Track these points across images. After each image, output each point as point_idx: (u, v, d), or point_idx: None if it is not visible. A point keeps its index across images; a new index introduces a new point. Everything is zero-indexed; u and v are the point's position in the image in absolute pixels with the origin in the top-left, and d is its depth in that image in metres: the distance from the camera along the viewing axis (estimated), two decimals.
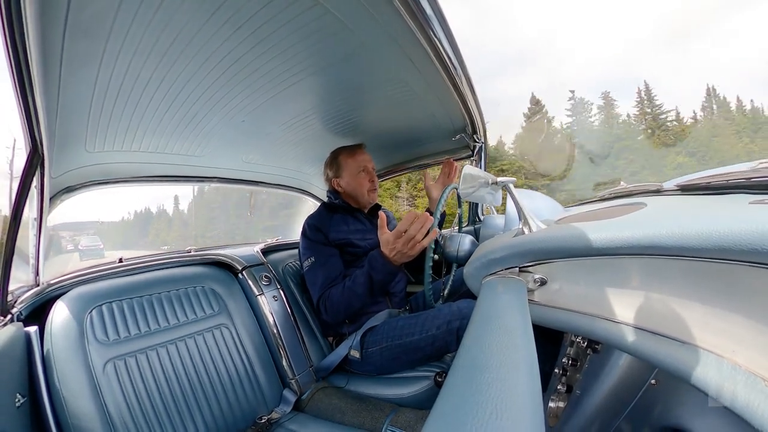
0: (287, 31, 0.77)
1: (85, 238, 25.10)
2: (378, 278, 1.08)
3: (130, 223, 74.43)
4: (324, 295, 1.18)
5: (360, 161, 1.39)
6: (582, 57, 62.83)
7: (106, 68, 0.77)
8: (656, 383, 0.52)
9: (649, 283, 0.41)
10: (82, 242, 23.07)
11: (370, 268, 1.09)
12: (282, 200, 2.08)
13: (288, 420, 1.06)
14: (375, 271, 1.08)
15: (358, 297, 1.12)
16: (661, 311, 0.39)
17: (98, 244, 23.63)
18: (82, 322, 0.90)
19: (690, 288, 0.37)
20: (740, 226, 0.30)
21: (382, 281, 1.10)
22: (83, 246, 21.72)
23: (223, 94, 0.98)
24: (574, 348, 0.77)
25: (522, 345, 0.32)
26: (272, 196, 1.91)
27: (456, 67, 0.99)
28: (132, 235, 68.91)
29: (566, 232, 0.48)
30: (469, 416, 0.23)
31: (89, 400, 0.83)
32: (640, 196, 0.78)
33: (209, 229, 55.25)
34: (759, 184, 0.47)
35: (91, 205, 46.79)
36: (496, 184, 0.68)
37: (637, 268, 0.42)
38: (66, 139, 0.94)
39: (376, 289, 1.12)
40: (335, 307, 1.16)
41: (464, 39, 21.34)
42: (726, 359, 0.32)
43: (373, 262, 1.08)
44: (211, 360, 1.07)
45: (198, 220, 61.34)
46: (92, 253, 20.39)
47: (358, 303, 1.14)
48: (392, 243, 1.02)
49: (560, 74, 40.55)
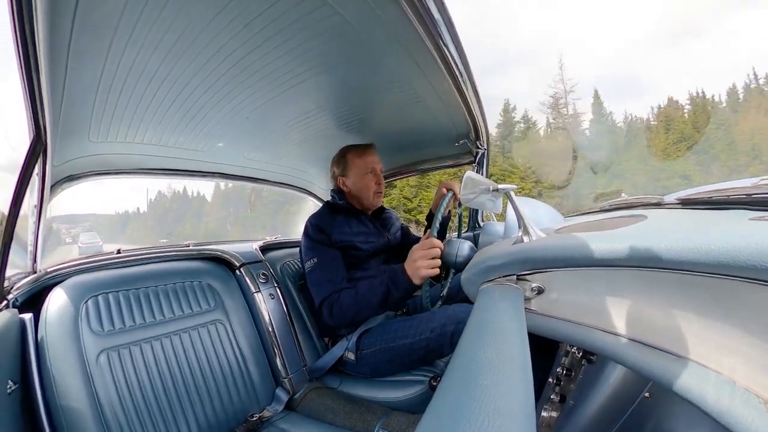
0: (294, 30, 0.77)
1: (84, 235, 24.90)
2: (397, 296, 1.07)
3: (126, 216, 74.13)
4: (331, 298, 1.16)
5: (369, 162, 1.36)
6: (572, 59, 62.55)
7: (113, 61, 0.77)
8: (650, 396, 0.52)
9: (647, 296, 0.41)
10: (81, 239, 23.00)
11: (391, 283, 1.06)
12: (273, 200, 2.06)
13: (279, 419, 1.06)
14: (396, 288, 1.05)
15: (371, 307, 1.11)
16: (657, 324, 0.39)
17: (97, 240, 23.29)
18: (77, 311, 0.90)
19: (687, 302, 0.37)
20: (739, 242, 0.30)
21: (400, 298, 1.08)
22: (82, 243, 21.58)
23: (228, 91, 0.98)
24: (569, 358, 0.77)
25: (517, 353, 0.32)
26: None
27: (462, 73, 0.99)
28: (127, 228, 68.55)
29: (565, 241, 0.48)
30: (460, 422, 0.23)
31: (81, 389, 0.82)
32: (640, 208, 0.78)
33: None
34: (759, 201, 0.47)
35: (87, 197, 46.63)
36: (497, 191, 0.68)
37: (635, 281, 0.42)
38: (70, 128, 0.94)
39: (391, 304, 1.10)
40: (343, 311, 1.13)
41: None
42: (721, 375, 0.32)
43: (394, 277, 1.06)
44: (205, 355, 1.06)
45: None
46: (91, 250, 20.18)
47: (368, 312, 1.13)
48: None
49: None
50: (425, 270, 0.99)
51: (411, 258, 1.02)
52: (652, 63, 60.59)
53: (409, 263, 1.03)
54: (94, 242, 21.77)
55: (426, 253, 0.99)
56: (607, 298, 0.46)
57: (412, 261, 1.01)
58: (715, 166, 22.65)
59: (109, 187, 17.34)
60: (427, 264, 0.99)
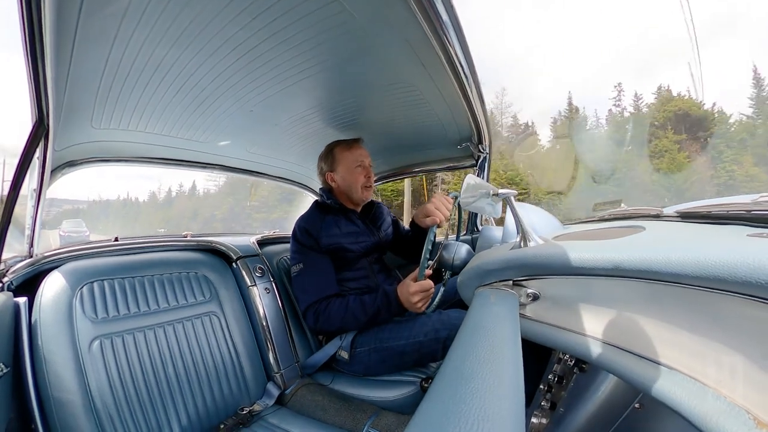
0: (303, 24, 0.77)
1: (68, 222, 19.72)
2: (385, 317, 1.14)
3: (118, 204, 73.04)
4: (318, 305, 1.16)
5: (357, 155, 1.34)
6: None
7: (119, 47, 0.77)
8: (640, 407, 0.52)
9: (641, 308, 0.41)
10: (63, 226, 18.26)
11: (383, 306, 1.12)
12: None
13: (269, 414, 1.06)
14: (387, 311, 1.12)
15: (358, 323, 1.15)
16: (651, 336, 0.39)
17: (83, 229, 18.62)
18: (72, 297, 0.90)
19: (682, 315, 0.37)
20: (736, 258, 0.30)
21: (388, 319, 1.16)
22: (65, 231, 17.20)
23: (234, 82, 0.98)
24: (561, 365, 0.77)
25: (509, 358, 0.32)
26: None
27: (468, 76, 0.99)
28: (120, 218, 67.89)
29: (563, 249, 0.48)
30: (449, 426, 0.23)
31: (72, 375, 0.82)
32: (639, 219, 0.78)
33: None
34: (758, 218, 0.48)
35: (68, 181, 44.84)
36: (497, 196, 0.68)
37: (630, 292, 0.42)
38: (72, 113, 0.94)
39: (378, 323, 1.16)
40: (330, 321, 1.15)
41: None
42: (712, 389, 0.32)
43: (387, 302, 1.12)
44: (197, 347, 1.06)
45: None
46: (76, 240, 14.19)
47: (354, 326, 1.17)
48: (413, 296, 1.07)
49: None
50: (420, 304, 1.06)
51: (408, 292, 1.06)
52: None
53: (404, 295, 1.08)
54: (80, 231, 17.92)
55: (425, 294, 1.06)
56: (601, 308, 0.46)
57: (408, 295, 1.06)
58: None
59: (91, 173, 14.41)
60: (423, 302, 1.07)
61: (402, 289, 1.09)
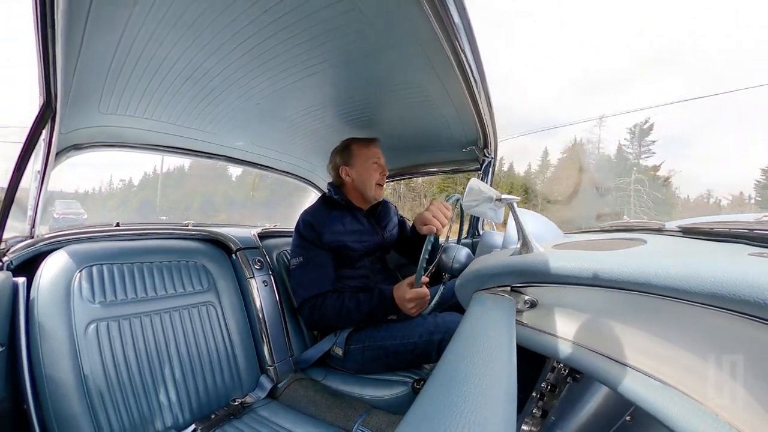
0: (313, 21, 0.77)
1: (62, 203, 17.53)
2: (379, 317, 1.16)
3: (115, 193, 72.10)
4: (315, 300, 1.17)
5: (373, 153, 1.36)
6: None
7: (130, 33, 0.77)
8: (631, 420, 0.52)
9: (637, 321, 0.41)
10: (57, 206, 16.28)
11: (378, 305, 1.14)
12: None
13: (261, 406, 1.06)
14: (381, 311, 1.14)
15: (352, 321, 1.17)
16: (645, 349, 0.39)
17: (80, 211, 17.32)
18: (70, 279, 0.90)
19: (678, 331, 0.37)
20: (736, 276, 0.30)
21: (382, 319, 1.18)
22: (59, 212, 15.64)
23: (242, 74, 0.98)
24: (555, 374, 0.77)
25: (503, 364, 0.32)
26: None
27: (477, 81, 0.99)
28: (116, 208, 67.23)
29: (563, 257, 0.48)
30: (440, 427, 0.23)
31: (67, 357, 0.83)
32: (641, 232, 0.78)
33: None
34: (760, 237, 0.47)
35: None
36: (500, 201, 0.68)
37: (627, 304, 0.42)
38: (80, 96, 0.94)
39: (372, 322, 1.18)
40: (325, 317, 1.16)
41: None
42: (705, 406, 0.32)
43: (382, 302, 1.13)
44: (193, 336, 1.07)
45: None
46: (72, 223, 12.69)
47: (348, 324, 1.19)
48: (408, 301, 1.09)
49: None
50: (414, 310, 1.09)
51: (404, 297, 1.08)
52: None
53: (399, 298, 1.10)
54: (76, 213, 16.81)
55: (420, 302, 1.08)
56: (597, 318, 0.45)
57: (405, 300, 1.08)
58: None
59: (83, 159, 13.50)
60: (417, 309, 1.09)
61: (398, 292, 1.10)
